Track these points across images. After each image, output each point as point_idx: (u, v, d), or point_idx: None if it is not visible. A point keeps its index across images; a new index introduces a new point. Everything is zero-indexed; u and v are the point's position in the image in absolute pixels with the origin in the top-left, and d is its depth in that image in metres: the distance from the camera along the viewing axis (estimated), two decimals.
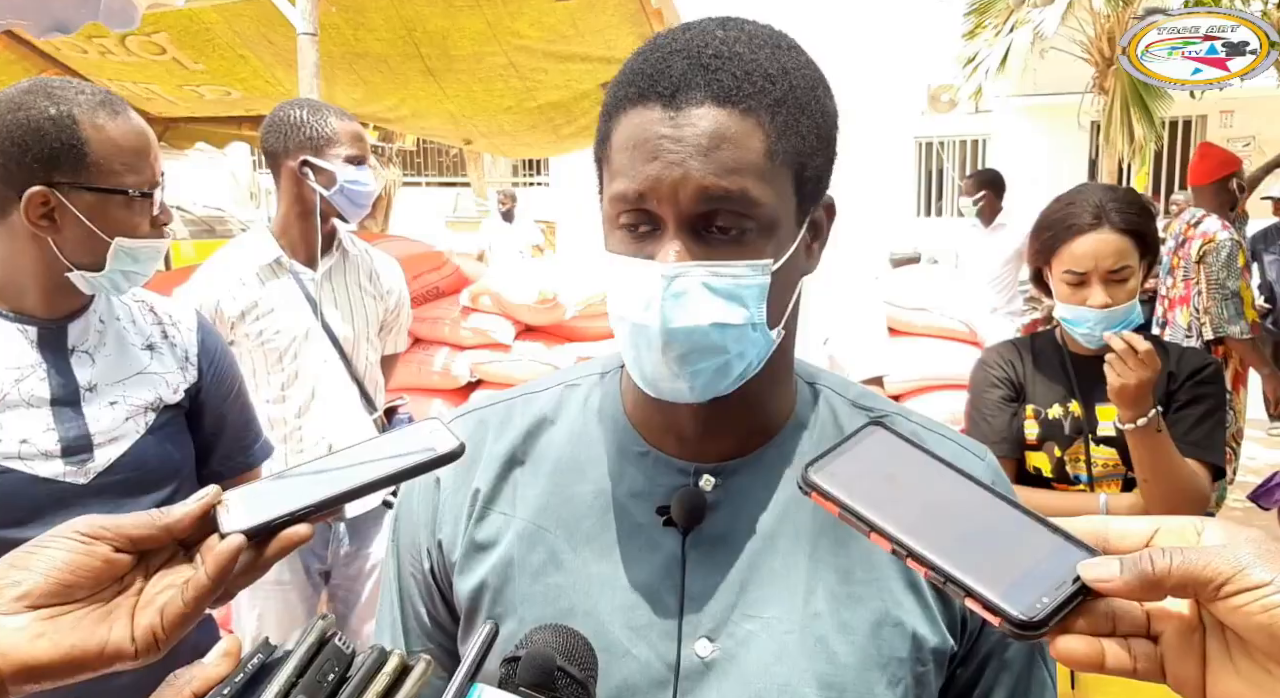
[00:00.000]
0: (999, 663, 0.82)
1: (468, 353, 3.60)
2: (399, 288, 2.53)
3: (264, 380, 2.26)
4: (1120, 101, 8.55)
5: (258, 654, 0.57)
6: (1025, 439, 1.89)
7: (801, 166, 0.74)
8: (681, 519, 0.78)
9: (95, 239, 1.31)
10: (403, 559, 0.90)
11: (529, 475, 0.84)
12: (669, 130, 0.70)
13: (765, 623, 0.77)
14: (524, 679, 0.59)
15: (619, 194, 0.72)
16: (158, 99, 5.20)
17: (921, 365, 3.44)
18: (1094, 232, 1.77)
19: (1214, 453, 1.81)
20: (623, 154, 0.72)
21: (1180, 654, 0.47)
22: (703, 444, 0.81)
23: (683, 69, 0.70)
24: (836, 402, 0.86)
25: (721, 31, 0.73)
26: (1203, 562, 0.44)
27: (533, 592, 0.80)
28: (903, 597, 0.78)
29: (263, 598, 2.28)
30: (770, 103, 0.71)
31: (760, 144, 0.70)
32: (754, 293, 0.73)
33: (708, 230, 0.72)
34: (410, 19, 4.27)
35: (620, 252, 0.74)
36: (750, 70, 0.71)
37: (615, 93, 0.74)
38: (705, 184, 0.69)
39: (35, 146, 1.26)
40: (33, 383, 1.32)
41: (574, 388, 0.89)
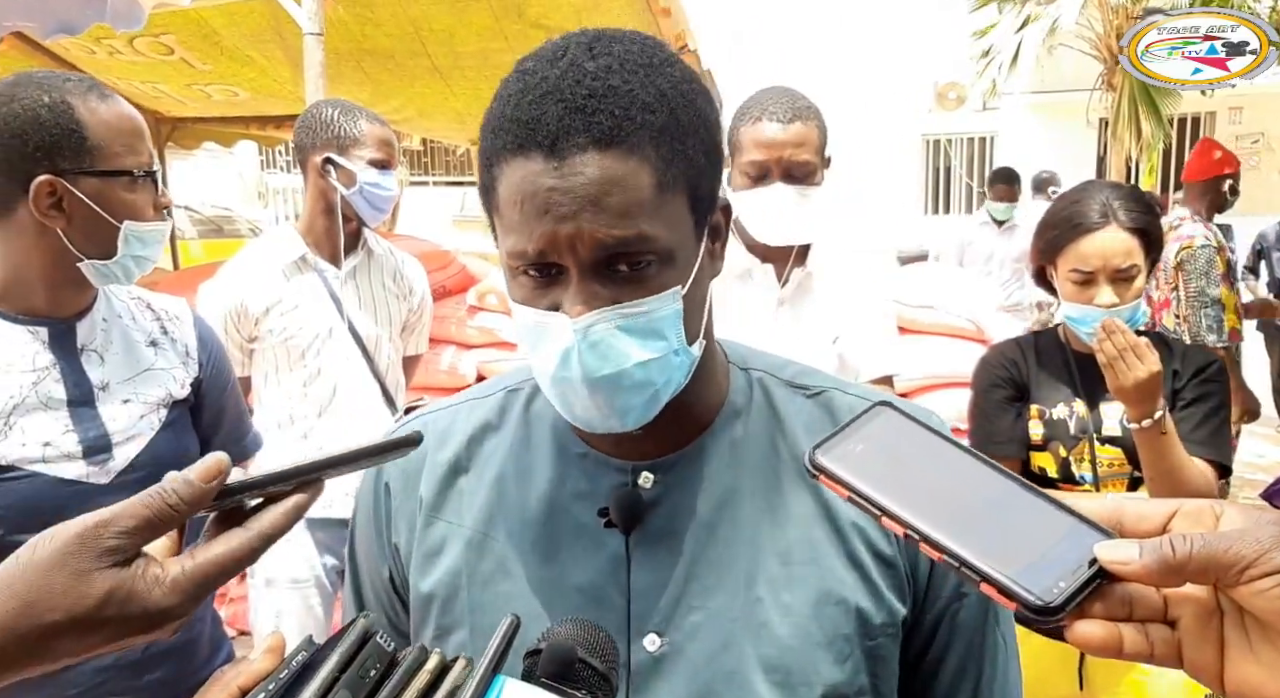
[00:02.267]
0: (950, 627, 0.82)
1: (474, 352, 3.61)
2: (422, 289, 2.54)
3: (286, 377, 2.27)
4: (1128, 98, 8.51)
5: (302, 651, 0.58)
6: (1030, 439, 1.88)
7: (694, 188, 0.73)
8: (621, 520, 0.79)
9: (105, 225, 1.32)
10: (361, 569, 0.91)
11: (473, 483, 0.85)
12: (555, 181, 0.68)
13: (710, 613, 0.78)
14: (546, 672, 0.60)
15: (517, 251, 0.71)
16: (165, 98, 5.22)
17: (928, 363, 3.44)
18: (1101, 230, 1.76)
19: (1220, 451, 1.80)
20: (512, 209, 0.70)
21: (1198, 640, 0.46)
22: (638, 442, 0.81)
23: (558, 114, 0.68)
24: (770, 383, 0.86)
25: (592, 63, 0.70)
26: (1224, 546, 0.43)
27: (483, 601, 0.81)
28: (844, 574, 0.78)
29: (280, 597, 2.29)
30: (653, 135, 0.69)
31: (649, 179, 0.69)
32: (669, 322, 0.73)
33: (611, 270, 0.71)
34: (417, 17, 4.28)
35: (526, 301, 0.74)
36: (628, 105, 0.68)
37: (493, 140, 0.72)
38: (599, 236, 0.68)
39: (35, 136, 1.25)
40: (49, 384, 1.32)
41: (516, 393, 0.89)
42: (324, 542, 2.31)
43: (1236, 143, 14.25)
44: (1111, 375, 1.66)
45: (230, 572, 0.57)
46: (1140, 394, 1.65)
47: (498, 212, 0.73)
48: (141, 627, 0.55)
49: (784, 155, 1.83)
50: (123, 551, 0.55)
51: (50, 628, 0.53)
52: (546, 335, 0.73)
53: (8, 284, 1.33)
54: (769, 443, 0.83)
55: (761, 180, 1.86)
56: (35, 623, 0.53)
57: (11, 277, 1.33)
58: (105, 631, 0.54)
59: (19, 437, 1.28)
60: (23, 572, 0.54)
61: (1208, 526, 0.46)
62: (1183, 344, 1.93)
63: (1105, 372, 1.67)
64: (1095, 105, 9.24)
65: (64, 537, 0.55)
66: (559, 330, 0.72)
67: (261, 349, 2.26)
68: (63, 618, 0.53)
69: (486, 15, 4.22)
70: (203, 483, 0.58)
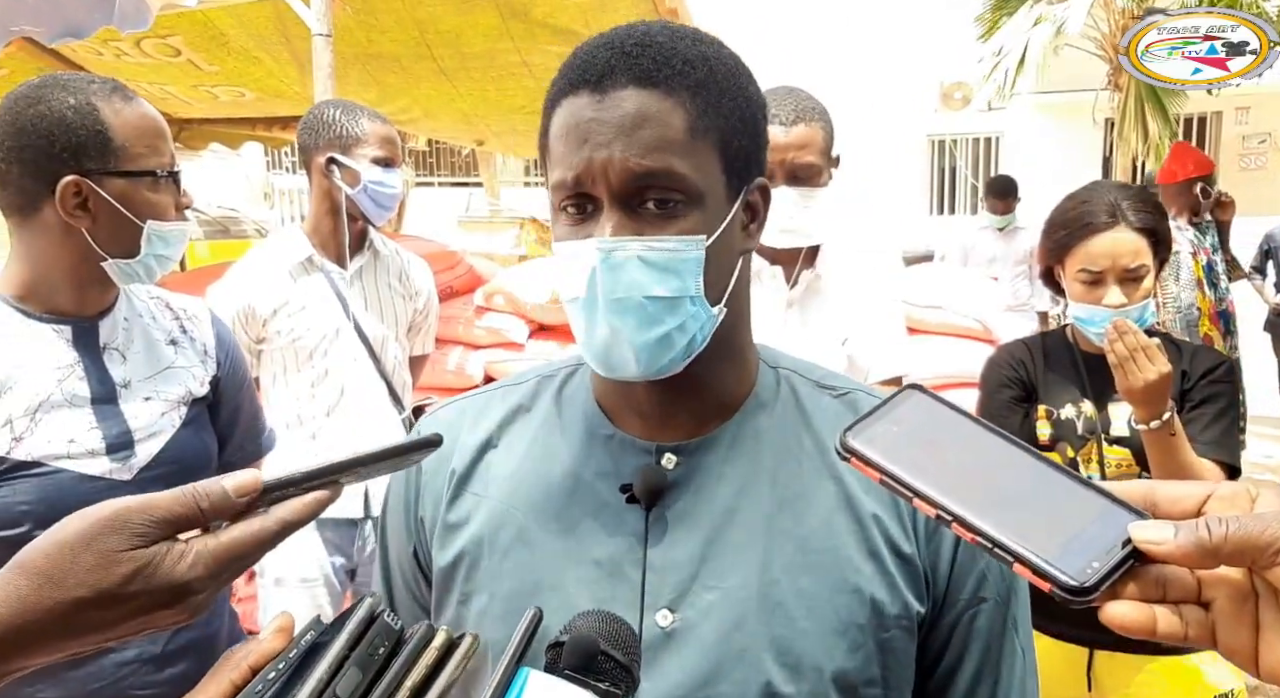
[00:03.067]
0: (967, 631, 0.83)
1: (482, 352, 3.61)
2: (428, 289, 2.55)
3: (294, 378, 2.28)
4: (1135, 98, 8.49)
5: (310, 630, 0.59)
6: (1038, 439, 1.88)
7: (726, 145, 0.78)
8: (643, 496, 0.81)
9: (129, 224, 1.34)
10: (390, 543, 0.94)
11: (502, 458, 0.88)
12: (595, 113, 0.75)
13: (725, 592, 0.79)
14: (569, 664, 0.61)
15: (559, 182, 0.77)
16: (172, 100, 5.24)
17: (935, 363, 3.43)
18: (1110, 230, 1.76)
19: (1229, 452, 1.80)
20: (558, 143, 0.77)
21: (1233, 622, 0.45)
22: (664, 424, 0.84)
23: (606, 58, 0.75)
24: (798, 382, 0.88)
25: (644, 27, 0.78)
26: (1259, 528, 0.43)
27: (502, 568, 0.83)
28: (862, 564, 0.79)
29: (290, 596, 2.30)
30: (691, 84, 0.76)
31: (682, 121, 0.75)
32: (689, 266, 0.76)
33: (641, 206, 0.76)
34: (423, 19, 4.28)
35: (565, 237, 0.79)
36: (670, 56, 0.76)
37: (552, 88, 0.79)
38: (629, 164, 0.74)
39: (62, 137, 1.27)
40: (73, 382, 1.34)
41: (550, 379, 0.93)
42: (332, 541, 2.32)
43: (1243, 143, 14.21)
44: (1121, 376, 1.66)
45: (251, 555, 0.59)
46: (1149, 395, 1.65)
47: (548, 152, 0.79)
48: (166, 600, 0.57)
49: (787, 158, 1.83)
50: (149, 538, 0.57)
51: (76, 603, 0.55)
52: (576, 260, 0.77)
53: (33, 283, 1.35)
54: (793, 435, 0.84)
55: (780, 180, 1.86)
56: (61, 598, 0.55)
57: (37, 276, 1.35)
58: (131, 604, 0.56)
59: (44, 433, 1.30)
60: (51, 550, 0.56)
61: (1243, 507, 0.46)
62: (1191, 345, 1.93)
63: (1115, 372, 1.67)
64: (1101, 105, 9.22)
65: (94, 517, 0.56)
66: (585, 252, 0.76)
67: (269, 350, 2.27)
68: (89, 593, 0.55)
69: (493, 17, 4.23)
70: (235, 496, 0.60)
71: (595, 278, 0.76)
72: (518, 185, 17.47)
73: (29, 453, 1.28)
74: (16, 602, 0.54)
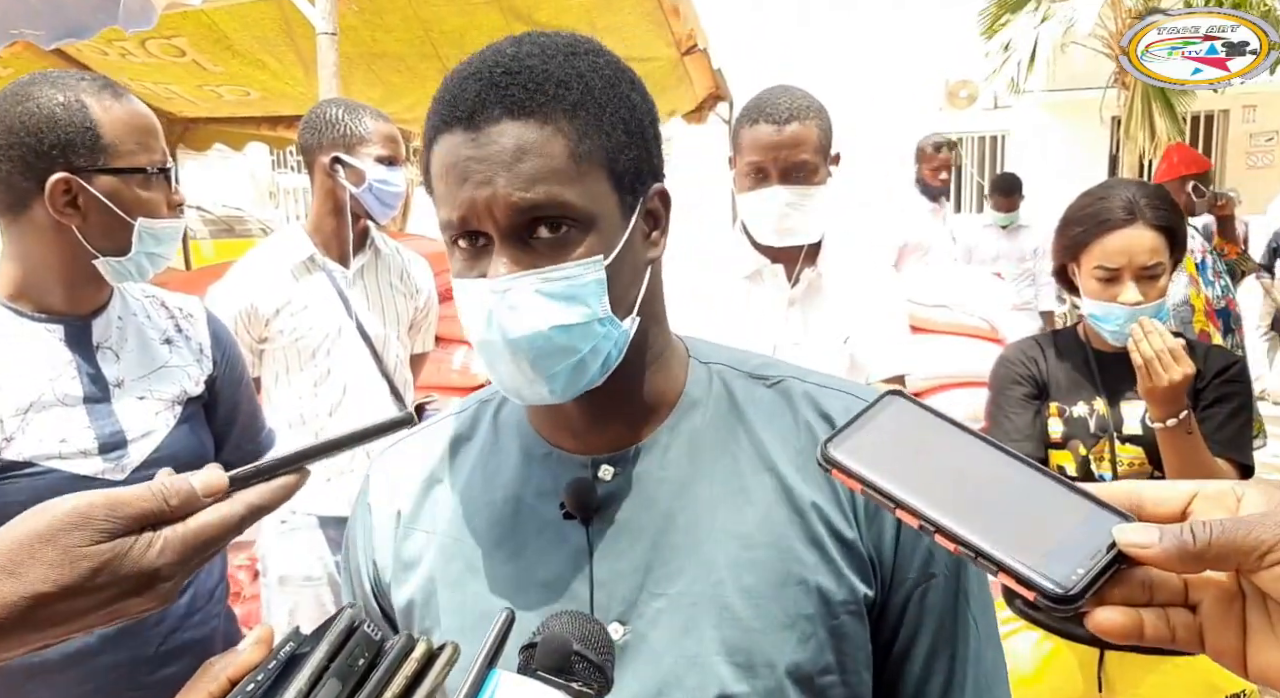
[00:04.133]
0: (919, 609, 0.82)
1: None
2: (429, 287, 2.56)
3: (296, 378, 2.28)
4: (1142, 96, 8.47)
5: (289, 642, 0.58)
6: (1049, 437, 1.87)
7: (613, 162, 0.76)
8: (577, 509, 0.80)
9: (119, 222, 1.33)
10: (352, 582, 0.93)
11: (446, 492, 0.88)
12: (472, 151, 0.73)
13: (672, 599, 0.78)
14: (542, 665, 0.61)
15: (445, 222, 0.76)
16: (177, 99, 5.24)
17: (942, 363, 3.43)
18: (1127, 227, 1.75)
19: (1242, 451, 1.80)
20: (440, 182, 0.75)
21: (1220, 624, 0.45)
22: (596, 436, 0.83)
23: (476, 90, 0.73)
24: (729, 375, 0.87)
25: (513, 48, 0.76)
26: (1244, 531, 0.42)
27: (453, 601, 0.82)
28: (804, 554, 0.79)
29: (294, 595, 2.30)
30: (567, 107, 0.73)
31: (562, 148, 0.73)
32: (590, 289, 0.75)
33: (533, 237, 0.74)
34: (428, 19, 4.28)
35: (460, 273, 0.77)
36: (541, 81, 0.73)
37: (426, 127, 0.78)
38: (513, 200, 0.72)
39: (50, 134, 1.26)
40: (65, 382, 1.33)
41: (488, 403, 0.92)
42: (336, 539, 2.32)
43: (1251, 140, 14.16)
44: (1144, 376, 1.65)
45: (219, 539, 0.60)
46: (1170, 395, 1.65)
47: (431, 190, 0.78)
48: (135, 588, 0.57)
49: (780, 156, 1.83)
50: (112, 534, 0.56)
51: (41, 598, 0.54)
52: (471, 301, 0.76)
53: (25, 282, 1.34)
54: (727, 432, 0.84)
55: (761, 182, 1.86)
56: (23, 592, 0.54)
57: (28, 275, 1.34)
58: (99, 595, 0.56)
59: (36, 433, 1.29)
60: (10, 544, 0.55)
61: (1229, 509, 0.45)
62: (1204, 345, 1.92)
63: (1139, 372, 1.66)
64: (1108, 103, 9.19)
65: (57, 512, 0.56)
66: (480, 293, 0.75)
67: (271, 350, 2.27)
68: (51, 588, 0.55)
69: (497, 17, 4.23)
70: (203, 494, 0.60)
71: (491, 319, 0.74)
72: None
73: (20, 453, 1.27)
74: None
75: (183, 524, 0.58)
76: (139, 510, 0.57)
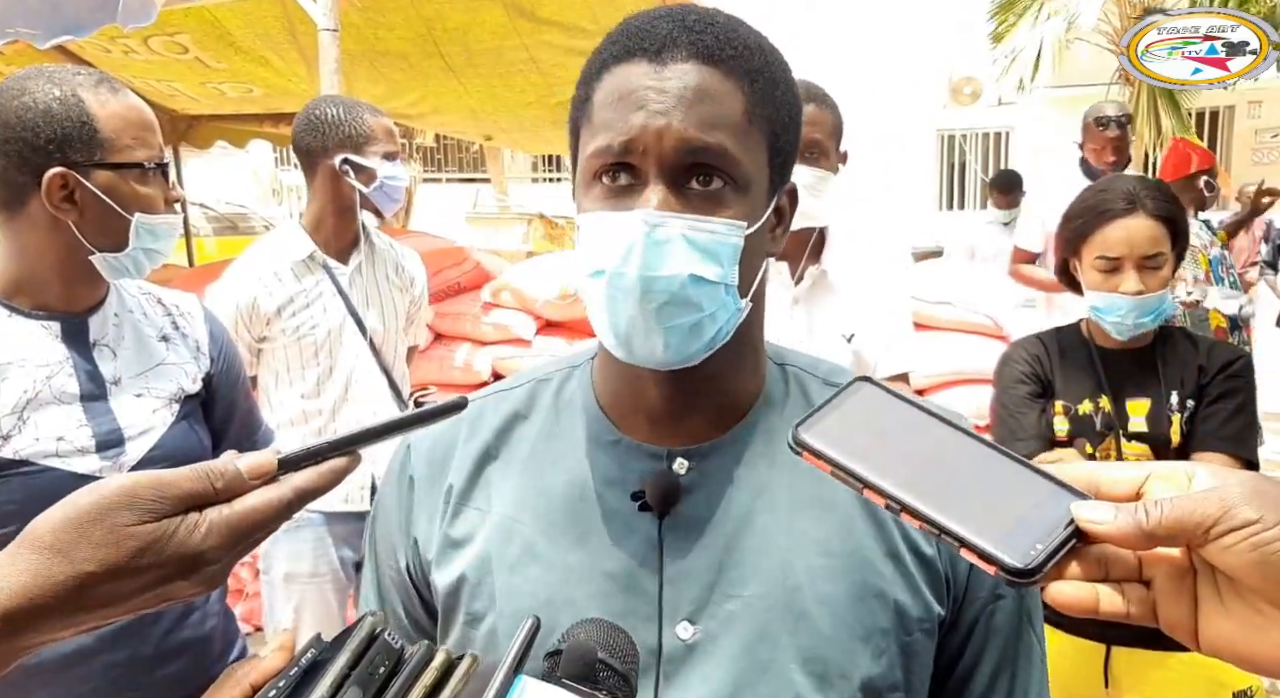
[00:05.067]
0: (986, 629, 0.82)
1: (489, 348, 3.60)
2: (421, 280, 2.57)
3: (298, 375, 2.28)
4: (1146, 93, 8.45)
5: (311, 649, 0.58)
6: (1055, 435, 1.86)
7: (775, 137, 0.76)
8: (657, 503, 0.78)
9: (116, 217, 1.32)
10: (380, 558, 0.90)
11: (502, 470, 0.85)
12: (654, 82, 0.72)
13: (745, 602, 0.77)
14: (566, 672, 0.61)
15: (602, 148, 0.73)
16: (180, 96, 5.25)
17: (945, 360, 3.42)
18: (1128, 217, 1.75)
19: (1247, 447, 1.79)
20: (606, 109, 0.74)
21: (1172, 598, 0.47)
22: (673, 427, 0.81)
23: (668, 29, 0.73)
24: (806, 379, 0.86)
25: (702, 8, 0.77)
26: (1190, 507, 0.44)
27: (511, 585, 0.80)
28: (883, 567, 0.77)
29: (299, 592, 2.30)
30: (749, 69, 0.74)
31: (740, 104, 0.73)
32: (728, 252, 0.74)
33: (687, 184, 0.73)
34: (430, 17, 4.28)
35: (596, 208, 0.75)
36: (731, 36, 0.74)
37: (598, 55, 0.76)
38: (687, 136, 0.71)
39: (47, 129, 1.26)
40: (62, 379, 1.32)
41: (545, 383, 0.89)
42: (341, 535, 2.32)
43: (1256, 137, 14.12)
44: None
45: (266, 522, 0.58)
46: None
47: (589, 120, 0.76)
48: (180, 571, 0.56)
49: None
50: (158, 514, 0.56)
51: (85, 577, 0.54)
52: (614, 232, 0.72)
53: (21, 279, 1.34)
54: None
55: (812, 160, 1.85)
56: (70, 572, 0.54)
57: (25, 271, 1.33)
58: (143, 577, 0.55)
59: (33, 431, 1.28)
60: (58, 524, 0.55)
61: (1180, 487, 0.47)
62: (1208, 340, 1.91)
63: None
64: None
65: (105, 491, 0.56)
66: (628, 223, 0.72)
67: (272, 348, 2.27)
68: (97, 568, 0.54)
69: (500, 13, 4.22)
70: (249, 477, 0.59)
71: (634, 251, 0.71)
72: (526, 181, 17.47)
73: (17, 451, 1.26)
74: (27, 576, 0.53)
75: (228, 506, 0.57)
76: (185, 491, 0.57)
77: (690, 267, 0.72)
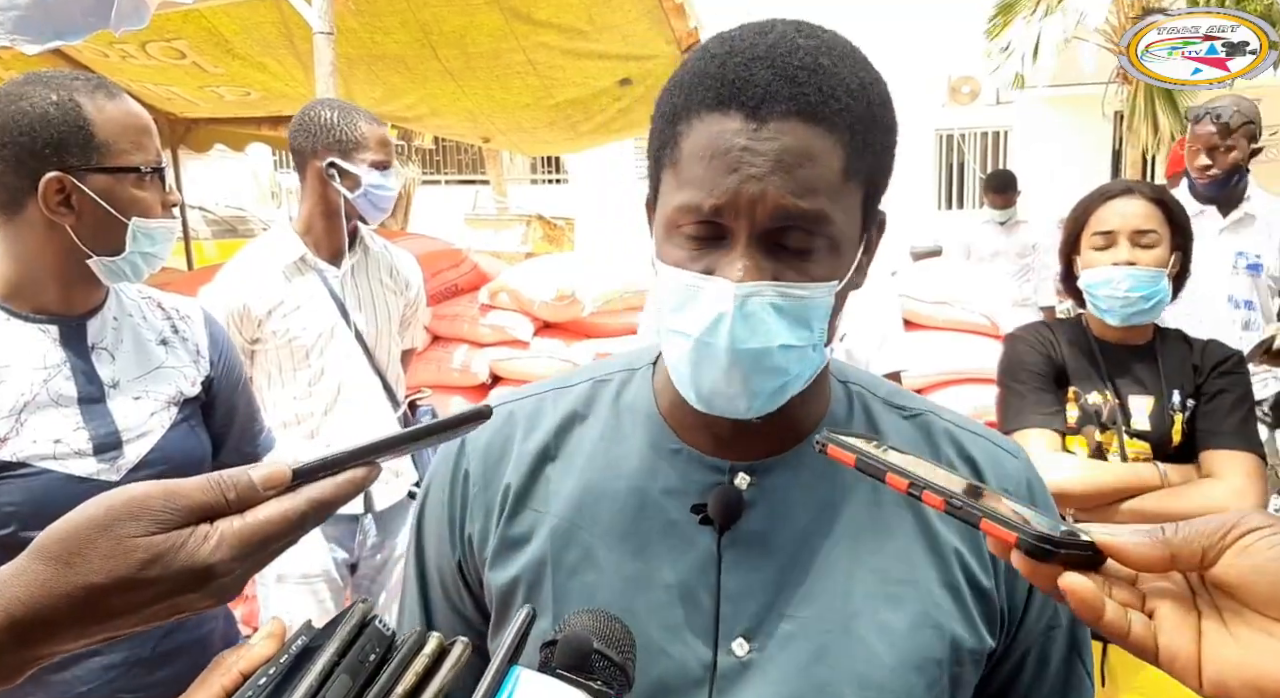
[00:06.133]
0: (1038, 659, 0.82)
1: (486, 350, 3.61)
2: (417, 282, 2.58)
3: (290, 378, 2.29)
4: (1145, 92, 8.47)
5: (301, 636, 0.58)
6: (1067, 422, 1.86)
7: (873, 185, 0.73)
8: (719, 517, 0.77)
9: (113, 221, 1.33)
10: (427, 553, 0.89)
11: (561, 472, 0.83)
12: (750, 142, 0.67)
13: (803, 623, 0.76)
14: (561, 663, 0.60)
15: (691, 205, 0.70)
16: (178, 100, 5.25)
17: (943, 359, 3.42)
18: (1124, 197, 1.82)
19: (1250, 440, 1.79)
20: (697, 163, 0.69)
21: (1176, 628, 0.47)
22: (738, 443, 0.80)
23: (767, 79, 0.68)
24: (869, 400, 0.85)
25: (804, 40, 0.70)
26: (1205, 521, 0.47)
27: (568, 589, 0.79)
28: (941, 599, 0.77)
29: (291, 592, 2.31)
30: (852, 121, 0.69)
31: (839, 163, 0.69)
32: (819, 313, 0.72)
33: (777, 246, 0.70)
34: (427, 21, 4.28)
35: (679, 263, 0.72)
36: (835, 86, 0.69)
37: (688, 95, 0.71)
38: (784, 203, 0.68)
39: (44, 133, 1.27)
40: (59, 382, 1.33)
41: (604, 384, 0.87)
42: (333, 536, 2.33)
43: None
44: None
45: (280, 535, 0.57)
46: None
47: (675, 166, 0.72)
48: (189, 584, 0.55)
49: None
50: (168, 525, 0.55)
51: (92, 589, 0.53)
52: (700, 298, 0.71)
53: (19, 283, 1.34)
54: None
55: None
56: (78, 583, 0.53)
57: (22, 275, 1.34)
58: (152, 589, 0.54)
59: (30, 434, 1.29)
60: (67, 534, 0.54)
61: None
62: (1202, 341, 1.92)
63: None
64: (1111, 99, 9.17)
65: (115, 501, 0.55)
66: (717, 294, 0.70)
67: (264, 350, 2.28)
68: (104, 579, 0.53)
69: (497, 17, 4.22)
70: (262, 488, 0.58)
71: (723, 323, 0.69)
72: (524, 183, 17.47)
73: (14, 454, 1.27)
74: (35, 587, 0.53)
75: (240, 518, 0.56)
76: (195, 502, 0.55)
77: (780, 337, 0.70)
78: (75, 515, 0.55)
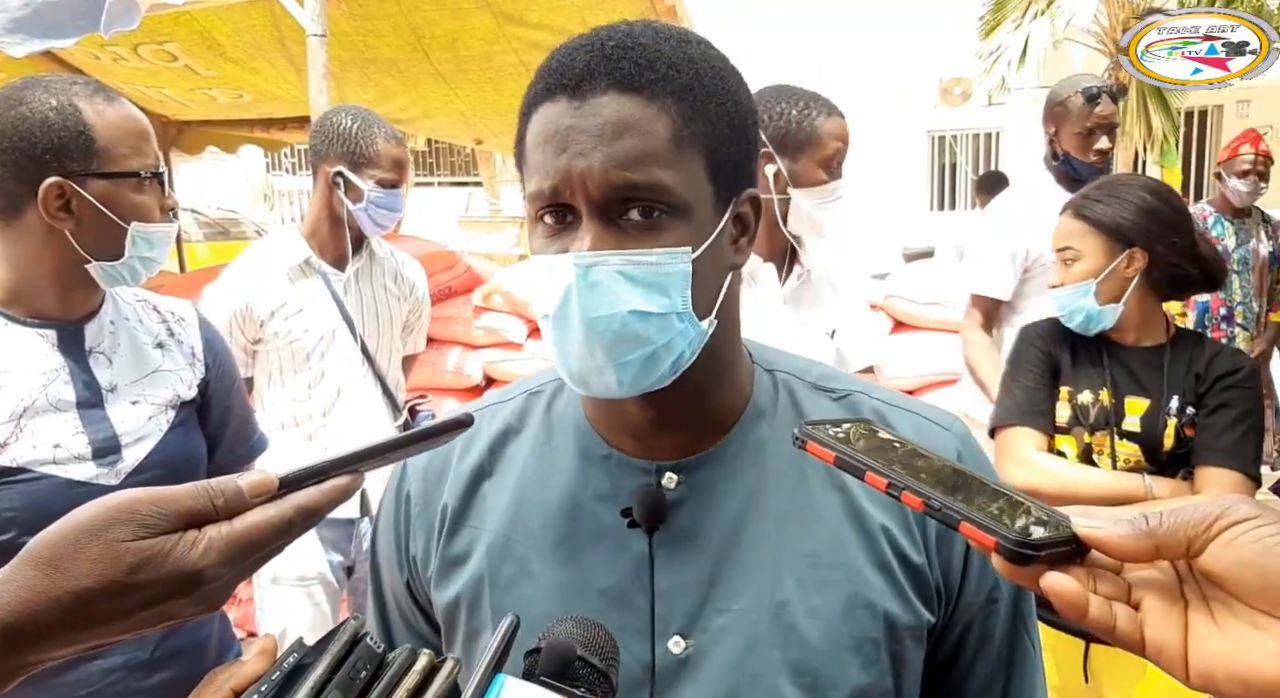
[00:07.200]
0: (981, 633, 0.82)
1: (480, 352, 3.61)
2: (422, 288, 2.59)
3: (290, 379, 2.29)
4: (1136, 92, 8.50)
5: (293, 653, 0.58)
6: (1056, 420, 1.86)
7: (713, 153, 0.73)
8: (644, 519, 0.78)
9: (112, 226, 1.33)
10: (382, 573, 0.91)
11: (496, 488, 0.84)
12: (574, 121, 0.70)
13: (735, 615, 0.77)
14: (545, 670, 0.60)
15: (535, 192, 0.73)
16: (170, 102, 5.24)
17: (934, 360, 3.43)
18: (1060, 217, 1.88)
19: (1244, 459, 1.71)
20: (535, 151, 0.73)
21: (1162, 620, 0.47)
22: (660, 441, 0.80)
23: (585, 60, 0.71)
24: (796, 385, 0.85)
25: (626, 28, 0.74)
26: (1190, 510, 0.46)
27: (505, 604, 0.80)
28: (872, 577, 0.77)
29: (288, 595, 2.31)
30: (675, 89, 0.71)
31: (665, 130, 0.70)
32: (675, 281, 0.72)
33: (623, 217, 0.71)
34: (419, 24, 4.28)
35: (540, 250, 0.75)
36: (653, 59, 0.71)
37: (528, 95, 0.75)
38: (610, 176, 0.69)
39: (43, 138, 1.26)
40: (58, 387, 1.33)
41: (538, 395, 0.88)
42: (330, 539, 2.33)
43: None
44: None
45: (267, 541, 0.58)
46: None
47: (524, 161, 0.75)
48: (178, 590, 0.55)
49: (842, 149, 1.88)
50: (156, 530, 0.55)
51: (82, 593, 0.54)
52: (550, 275, 0.73)
53: (17, 287, 1.34)
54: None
55: (835, 172, 1.87)
56: (68, 588, 0.54)
57: (21, 280, 1.34)
58: (141, 595, 0.55)
59: (29, 439, 1.29)
60: (57, 539, 0.55)
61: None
62: (1216, 346, 1.85)
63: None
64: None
65: (105, 507, 0.55)
66: (561, 268, 0.71)
67: (265, 351, 2.28)
68: (94, 583, 0.54)
69: (488, 20, 4.22)
70: (249, 495, 0.58)
71: (570, 295, 0.71)
72: (517, 185, 17.42)
73: (13, 459, 1.27)
74: (25, 591, 0.53)
75: (228, 524, 0.57)
76: (184, 508, 0.56)
77: (630, 303, 0.71)
78: (65, 521, 0.55)
